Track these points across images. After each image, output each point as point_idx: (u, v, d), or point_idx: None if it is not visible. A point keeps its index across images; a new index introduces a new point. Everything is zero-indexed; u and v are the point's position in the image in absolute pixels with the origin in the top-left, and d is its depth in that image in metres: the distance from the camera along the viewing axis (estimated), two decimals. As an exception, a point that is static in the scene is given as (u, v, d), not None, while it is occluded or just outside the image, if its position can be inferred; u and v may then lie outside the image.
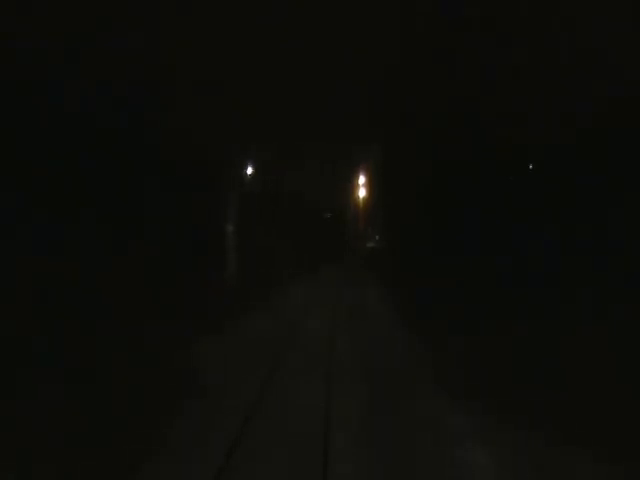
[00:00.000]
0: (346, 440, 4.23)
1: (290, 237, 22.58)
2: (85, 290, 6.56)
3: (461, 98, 10.56)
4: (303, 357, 7.19)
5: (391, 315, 11.04)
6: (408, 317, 10.08)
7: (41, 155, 6.69)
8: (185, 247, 10.15)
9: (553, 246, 8.64)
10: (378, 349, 7.70)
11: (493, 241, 10.15)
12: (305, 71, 16.40)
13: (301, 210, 26.15)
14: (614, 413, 4.40)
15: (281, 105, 16.89)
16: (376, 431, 4.41)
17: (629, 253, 7.19)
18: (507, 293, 8.80)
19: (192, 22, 9.73)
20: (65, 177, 7.06)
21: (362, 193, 30.49)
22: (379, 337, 8.69)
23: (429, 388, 5.60)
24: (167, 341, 6.92)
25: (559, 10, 8.03)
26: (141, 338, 6.62)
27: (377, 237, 29.09)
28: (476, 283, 9.57)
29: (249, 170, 18.46)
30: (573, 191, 8.59)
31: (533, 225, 9.35)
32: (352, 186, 31.57)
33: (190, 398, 5.29)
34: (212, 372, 6.29)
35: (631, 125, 7.48)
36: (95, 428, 4.34)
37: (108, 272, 7.08)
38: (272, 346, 7.69)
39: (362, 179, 30.47)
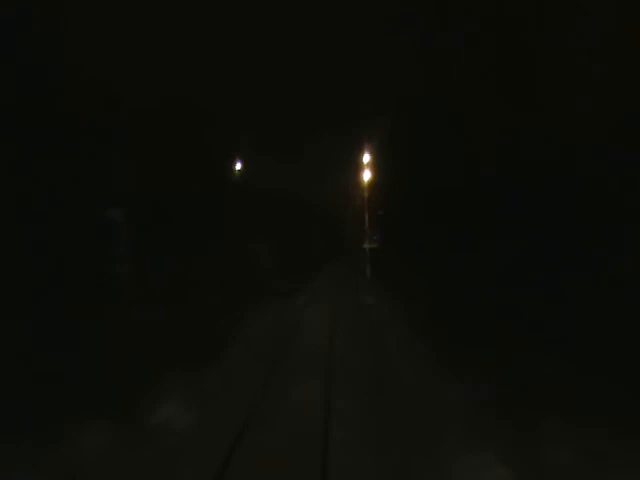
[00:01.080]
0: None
1: (283, 238, 20.37)
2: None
3: (461, 98, 10.55)
4: (303, 359, 7.24)
5: (391, 315, 11.03)
6: (408, 317, 10.06)
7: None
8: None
9: (554, 245, 8.62)
10: (378, 348, 7.70)
11: (493, 241, 10.12)
12: (305, 70, 16.40)
13: (299, 210, 25.69)
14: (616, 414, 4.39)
15: (280, 102, 16.85)
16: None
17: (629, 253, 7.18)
18: (507, 293, 8.77)
19: (193, 22, 9.71)
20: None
21: (366, 177, 27.16)
22: (379, 337, 8.69)
23: (429, 388, 5.61)
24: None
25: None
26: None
27: (375, 237, 28.77)
28: (476, 283, 9.55)
29: (238, 165, 17.56)
30: (573, 191, 8.57)
31: (533, 225, 9.32)
32: (356, 165, 28.08)
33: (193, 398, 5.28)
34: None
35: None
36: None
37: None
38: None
39: (367, 157, 26.42)
